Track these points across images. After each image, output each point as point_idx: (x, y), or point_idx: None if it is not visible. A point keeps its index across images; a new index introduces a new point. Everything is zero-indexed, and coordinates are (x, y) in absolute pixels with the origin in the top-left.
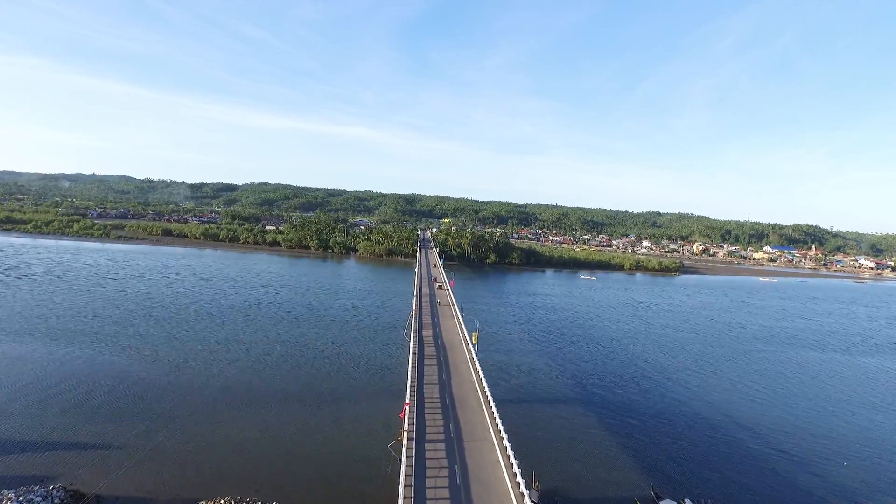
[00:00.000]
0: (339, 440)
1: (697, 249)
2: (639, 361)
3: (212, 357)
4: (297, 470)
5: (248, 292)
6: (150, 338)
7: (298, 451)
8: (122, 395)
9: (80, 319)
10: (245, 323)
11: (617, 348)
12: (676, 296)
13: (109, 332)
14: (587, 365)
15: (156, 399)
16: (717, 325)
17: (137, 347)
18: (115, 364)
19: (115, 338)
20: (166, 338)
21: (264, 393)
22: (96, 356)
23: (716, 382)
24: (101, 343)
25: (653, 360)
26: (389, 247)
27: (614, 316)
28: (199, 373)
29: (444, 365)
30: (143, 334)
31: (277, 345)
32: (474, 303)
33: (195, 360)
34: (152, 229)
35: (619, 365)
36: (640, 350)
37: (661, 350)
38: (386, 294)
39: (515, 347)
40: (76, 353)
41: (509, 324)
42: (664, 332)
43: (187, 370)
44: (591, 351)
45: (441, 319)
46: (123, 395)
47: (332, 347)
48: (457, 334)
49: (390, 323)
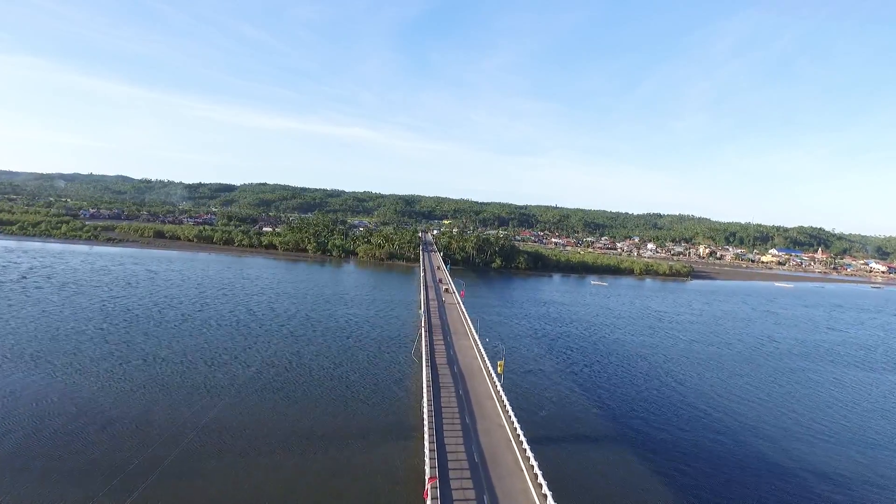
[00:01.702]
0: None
1: (704, 252)
2: (675, 384)
3: (194, 390)
4: None
5: (240, 302)
6: (123, 361)
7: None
8: (84, 439)
9: (45, 336)
10: (234, 341)
11: (648, 369)
12: (695, 304)
13: (75, 352)
14: (619, 390)
15: (129, 444)
16: (746, 338)
17: (105, 374)
18: (76, 396)
19: (81, 361)
20: (142, 361)
21: (251, 437)
22: (51, 386)
23: (766, 411)
24: (63, 368)
25: (690, 382)
26: (390, 250)
27: (636, 328)
28: (179, 410)
29: (464, 401)
30: (114, 356)
31: (269, 368)
32: (484, 313)
33: (174, 393)
34: (144, 231)
35: (654, 391)
36: (674, 370)
37: (696, 370)
38: (389, 303)
39: (536, 367)
40: (29, 381)
41: (525, 338)
42: (693, 347)
43: (164, 406)
44: (620, 372)
45: (455, 338)
46: (87, 440)
47: (330, 372)
48: (475, 358)
49: (395, 337)
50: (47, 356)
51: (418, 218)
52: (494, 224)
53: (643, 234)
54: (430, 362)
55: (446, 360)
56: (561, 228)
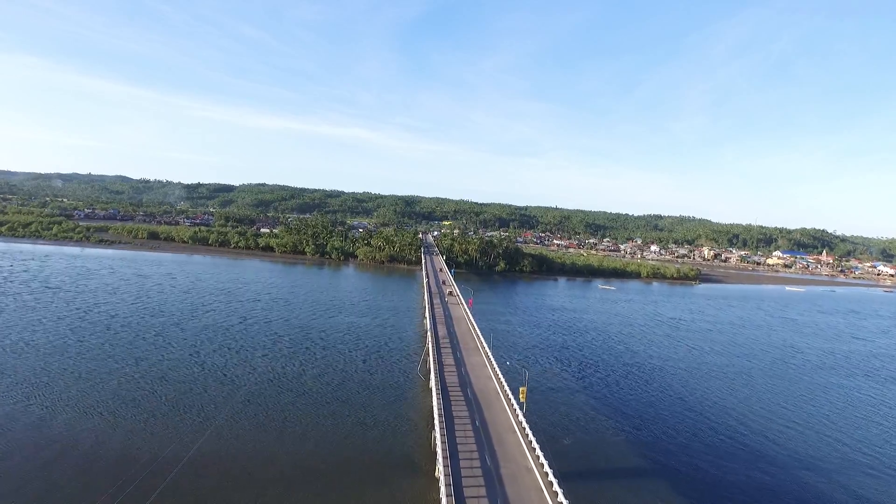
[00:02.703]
0: None
1: (709, 255)
2: (706, 404)
3: (177, 416)
4: None
5: (233, 310)
6: (98, 381)
7: None
8: (47, 478)
9: (7, 353)
10: (224, 357)
11: (673, 385)
12: (708, 310)
13: (43, 370)
14: (647, 411)
15: (101, 484)
16: (769, 348)
17: (77, 398)
18: (42, 424)
19: (48, 381)
20: (119, 381)
21: (239, 473)
22: (12, 413)
23: (814, 437)
24: (26, 390)
25: (722, 402)
26: (391, 253)
27: (652, 338)
28: (160, 441)
29: (482, 436)
30: (87, 375)
31: (261, 390)
32: (492, 321)
33: (155, 422)
34: (137, 232)
35: (685, 413)
36: (701, 386)
37: (726, 387)
38: (391, 310)
39: (552, 384)
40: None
41: (537, 350)
42: (717, 360)
43: (143, 436)
44: (643, 389)
45: (465, 354)
46: (51, 479)
47: (328, 393)
48: (489, 379)
49: (399, 350)
50: (10, 375)
51: (418, 219)
52: (495, 225)
53: (645, 236)
54: (440, 385)
55: (458, 380)
56: (562, 230)
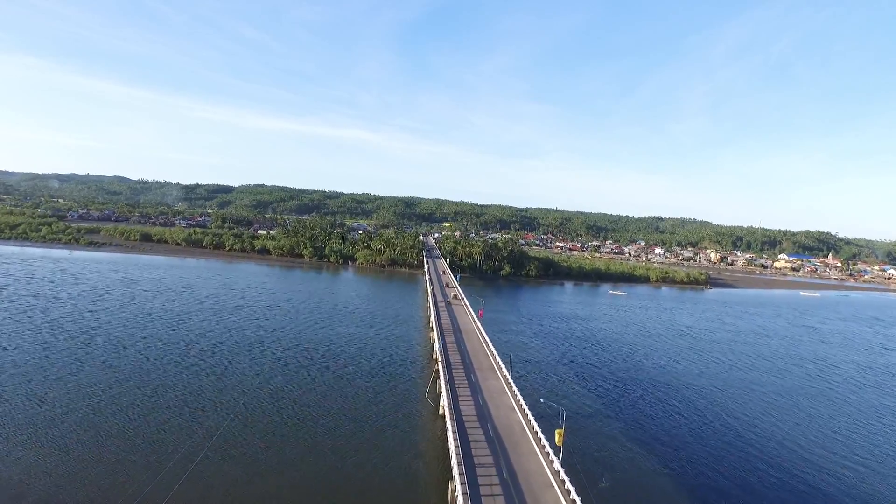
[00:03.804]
0: None
1: (715, 258)
2: (746, 431)
3: (150, 452)
4: None
5: (223, 320)
6: (65, 409)
7: None
8: None
9: None
10: (209, 377)
11: (707, 409)
12: (725, 318)
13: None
14: (686, 443)
15: None
16: (801, 363)
17: (41, 430)
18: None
19: (8, 408)
20: (89, 409)
21: None
22: None
23: (879, 479)
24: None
25: (764, 428)
26: (392, 256)
27: (675, 351)
28: (132, 482)
29: (512, 493)
30: (56, 399)
31: (248, 418)
32: (503, 332)
33: (122, 467)
34: (130, 234)
35: (728, 444)
36: (738, 409)
37: (764, 409)
38: (393, 320)
39: (581, 409)
40: None
41: (557, 366)
42: (748, 377)
43: (111, 480)
44: (676, 414)
45: (480, 376)
46: None
47: (325, 423)
48: (512, 410)
49: (403, 367)
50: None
51: (418, 220)
52: (496, 227)
53: (647, 238)
54: (455, 419)
55: (475, 412)
56: (563, 232)
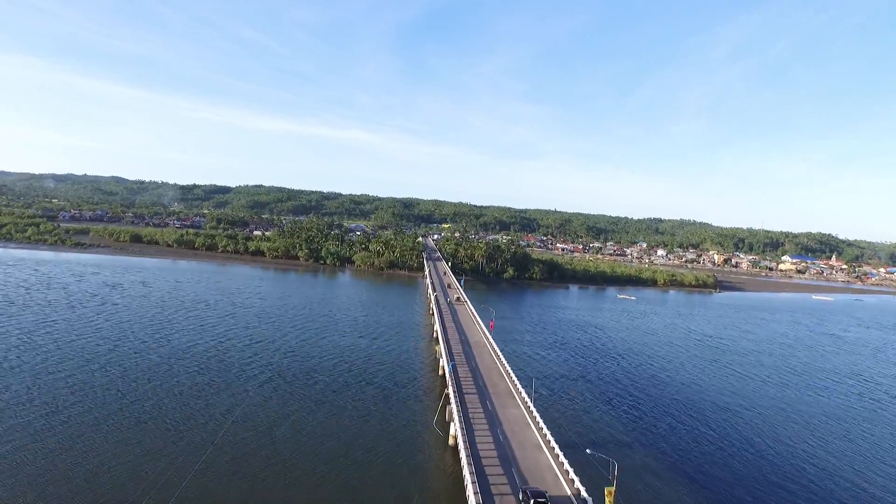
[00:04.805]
0: None
1: (719, 260)
2: (813, 472)
3: (119, 490)
4: None
5: (209, 329)
6: (21, 441)
7: None
8: None
9: None
10: (190, 399)
11: (758, 441)
12: (742, 324)
13: None
14: (735, 480)
15: None
16: (836, 377)
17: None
18: None
19: None
20: (52, 438)
21: None
22: None
23: None
24: None
25: (828, 465)
26: (391, 258)
27: (699, 365)
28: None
29: None
30: (9, 429)
31: (231, 453)
32: (513, 342)
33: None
34: (120, 235)
35: (787, 481)
36: (791, 441)
37: (815, 438)
38: (394, 328)
39: (608, 435)
40: None
41: (579, 386)
42: (783, 394)
43: None
44: (717, 441)
45: (497, 402)
46: None
47: (319, 460)
48: (539, 449)
49: (407, 387)
50: None
51: (416, 221)
52: (496, 228)
53: (649, 240)
54: (473, 461)
55: (495, 450)
56: (563, 233)
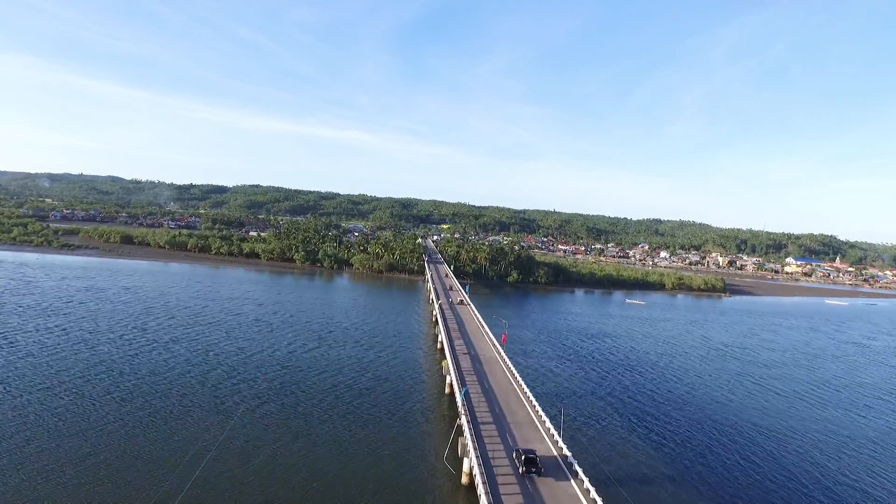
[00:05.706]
0: None
1: (724, 262)
2: None
3: None
4: None
5: (195, 338)
6: None
7: None
8: None
9: None
10: (170, 422)
11: (820, 479)
12: (759, 332)
13: None
14: None
15: None
16: (872, 394)
17: None
18: None
19: None
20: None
21: None
22: None
23: None
24: None
25: None
26: (390, 261)
27: (726, 380)
28: None
29: None
30: None
31: (214, 490)
32: (523, 353)
33: None
34: (110, 235)
35: None
36: (854, 479)
37: (871, 470)
38: (395, 338)
39: (640, 469)
40: None
41: (602, 409)
42: (822, 415)
43: None
44: (764, 473)
45: (519, 439)
46: None
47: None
48: (576, 501)
49: (413, 412)
50: None
51: (415, 222)
52: (495, 229)
53: (650, 241)
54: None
55: (519, 490)
56: (563, 234)
